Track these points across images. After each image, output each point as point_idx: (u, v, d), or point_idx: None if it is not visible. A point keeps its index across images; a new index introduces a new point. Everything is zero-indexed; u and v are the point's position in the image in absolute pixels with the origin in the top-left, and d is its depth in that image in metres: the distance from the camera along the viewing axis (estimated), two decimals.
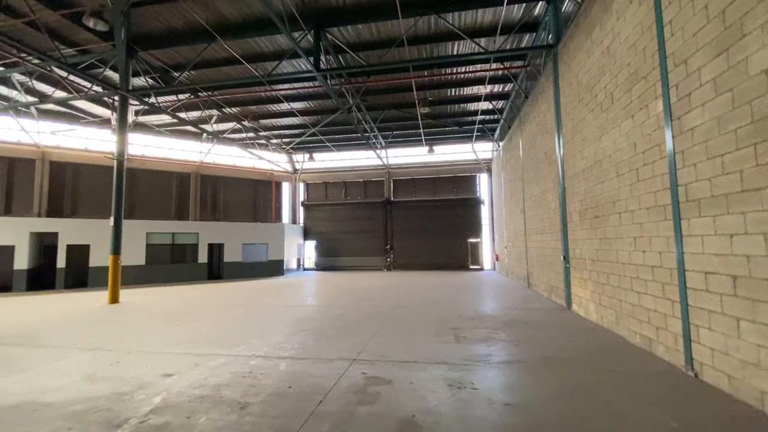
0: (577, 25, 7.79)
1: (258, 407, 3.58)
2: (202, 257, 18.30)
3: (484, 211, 21.96)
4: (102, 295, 11.97)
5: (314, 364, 4.85)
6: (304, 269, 23.93)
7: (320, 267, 23.75)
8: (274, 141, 21.54)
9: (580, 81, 7.67)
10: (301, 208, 24.97)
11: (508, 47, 11.14)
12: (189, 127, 19.12)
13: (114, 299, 10.83)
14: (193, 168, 21.17)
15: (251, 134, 20.12)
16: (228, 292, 13.26)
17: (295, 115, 17.55)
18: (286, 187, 25.08)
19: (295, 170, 24.97)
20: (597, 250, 6.95)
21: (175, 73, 12.95)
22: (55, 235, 15.54)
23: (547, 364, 4.80)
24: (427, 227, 22.31)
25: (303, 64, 12.48)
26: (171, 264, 17.55)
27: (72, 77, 13.29)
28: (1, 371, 4.81)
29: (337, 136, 20.87)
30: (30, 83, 13.63)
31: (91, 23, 8.80)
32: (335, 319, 7.95)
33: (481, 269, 21.29)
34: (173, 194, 20.60)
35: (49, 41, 10.25)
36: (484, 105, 16.21)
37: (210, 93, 14.94)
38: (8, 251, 14.72)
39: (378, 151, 21.33)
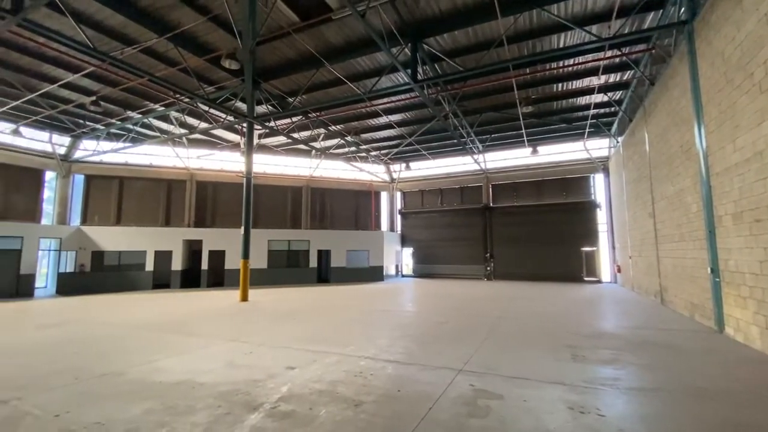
0: None
1: (371, 406, 3.74)
2: (313, 262, 20.05)
3: (601, 216, 19.56)
4: (234, 294, 13.94)
5: (420, 371, 4.88)
6: (402, 276, 24.40)
7: (418, 274, 23.94)
8: (373, 153, 22.60)
9: (727, 59, 6.39)
10: (399, 216, 25.61)
11: (626, 31, 9.86)
12: (300, 146, 21.19)
13: (244, 298, 12.52)
14: (304, 182, 23.43)
15: (353, 148, 21.45)
16: (335, 294, 14.24)
17: (393, 127, 18.17)
18: (384, 196, 26.05)
19: (393, 180, 25.77)
20: (761, 262, 5.63)
21: (290, 99, 14.57)
22: (200, 242, 18.70)
23: (698, 395, 4.03)
24: (531, 234, 20.78)
25: (400, 77, 12.89)
26: (287, 268, 19.62)
27: (212, 110, 15.95)
28: (165, 354, 5.92)
29: (433, 144, 20.94)
30: (183, 118, 16.77)
31: (227, 64, 10.49)
32: (437, 326, 7.90)
33: (599, 281, 18.96)
34: (288, 206, 23.09)
35: (195, 82, 12.49)
36: (598, 98, 14.57)
37: (318, 113, 16.40)
38: (167, 255, 18.18)
39: (475, 156, 20.77)
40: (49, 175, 18.51)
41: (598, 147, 19.69)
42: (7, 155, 16.88)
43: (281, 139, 20.14)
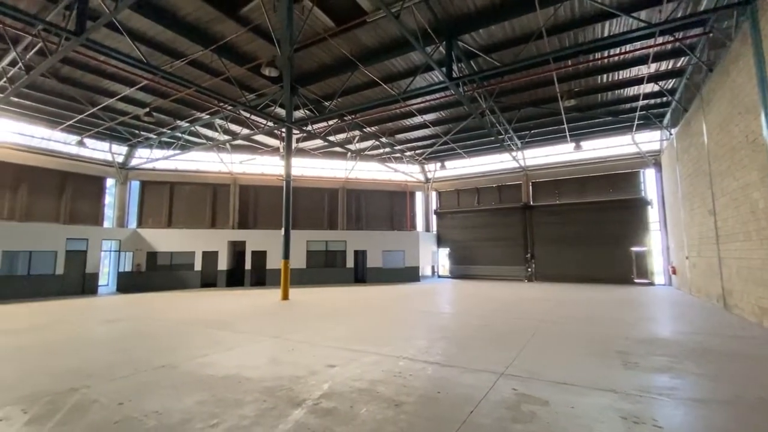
0: None
1: (411, 407, 3.74)
2: (350, 262, 20.33)
3: (653, 214, 18.30)
4: (276, 293, 14.43)
5: (460, 373, 4.81)
6: (439, 276, 24.15)
7: (454, 275, 23.59)
8: (408, 153, 22.56)
9: None
10: (434, 217, 25.38)
11: (679, 14, 9.18)
12: (337, 148, 21.56)
13: (285, 296, 12.94)
14: (340, 184, 23.84)
15: (387, 149, 21.54)
16: (372, 294, 14.35)
17: (427, 127, 18.05)
18: (419, 196, 25.91)
19: (428, 180, 25.59)
20: None
21: (326, 103, 14.87)
22: (243, 243, 19.54)
23: (767, 409, 3.67)
24: (576, 234, 19.82)
25: (435, 76, 12.78)
26: (324, 268, 20.05)
27: (253, 117, 16.62)
28: (214, 349, 6.23)
29: (469, 142, 20.57)
30: (226, 125, 17.62)
31: (266, 71, 10.89)
32: (477, 329, 7.74)
33: (651, 284, 17.76)
34: (325, 207, 23.59)
35: (238, 91, 13.08)
36: (648, 87, 13.66)
37: (353, 116, 16.62)
38: (214, 256, 19.14)
39: (513, 153, 20.17)
40: (109, 182, 20.12)
41: (648, 140, 18.46)
42: (74, 164, 18.54)
43: (318, 142, 20.59)
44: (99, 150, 19.53)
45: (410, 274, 20.98)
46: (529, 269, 20.80)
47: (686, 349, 5.98)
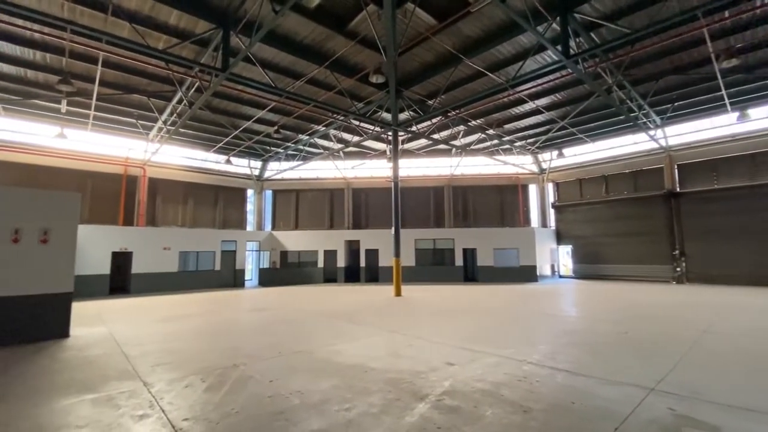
0: None
1: (541, 414, 3.48)
2: (458, 261, 19.99)
3: None
4: (388, 289, 15.04)
5: (597, 384, 4.29)
6: (560, 276, 22.01)
7: (579, 275, 21.19)
8: (518, 144, 21.15)
9: None
10: (552, 210, 23.23)
11: None
12: (441, 146, 21.44)
13: (398, 293, 13.40)
14: (445, 181, 23.63)
15: (495, 141, 20.55)
16: (484, 294, 13.86)
17: (540, 113, 16.65)
18: (532, 189, 24.03)
19: (542, 170, 23.53)
20: None
21: (429, 102, 14.92)
22: (358, 242, 20.90)
23: None
24: (743, 225, 15.86)
25: (548, 56, 11.73)
26: (433, 266, 20.12)
27: (362, 124, 17.64)
28: (340, 339, 6.79)
29: (591, 125, 18.27)
30: (339, 134, 19.07)
31: (374, 79, 11.47)
32: (614, 336, 6.82)
33: None
34: (431, 206, 23.69)
35: (348, 101, 14.04)
36: None
37: (457, 111, 16.30)
38: (333, 254, 20.91)
39: (651, 132, 17.20)
40: (249, 192, 23.69)
41: None
42: (223, 179, 22.35)
43: (422, 141, 20.79)
44: (240, 166, 23.17)
45: (526, 274, 19.58)
46: (679, 269, 17.43)
47: None
